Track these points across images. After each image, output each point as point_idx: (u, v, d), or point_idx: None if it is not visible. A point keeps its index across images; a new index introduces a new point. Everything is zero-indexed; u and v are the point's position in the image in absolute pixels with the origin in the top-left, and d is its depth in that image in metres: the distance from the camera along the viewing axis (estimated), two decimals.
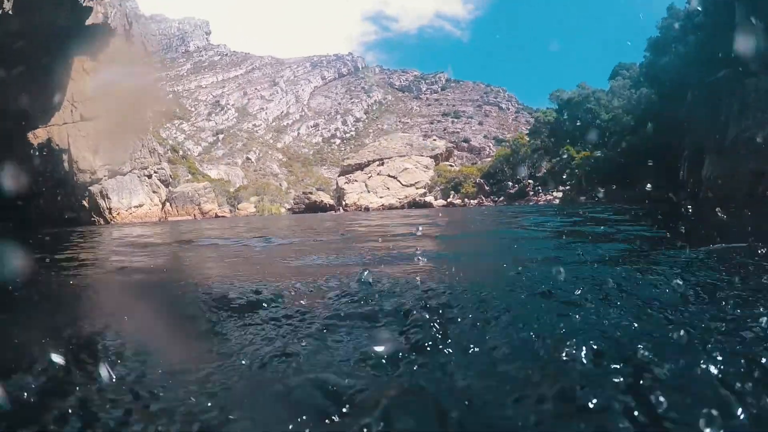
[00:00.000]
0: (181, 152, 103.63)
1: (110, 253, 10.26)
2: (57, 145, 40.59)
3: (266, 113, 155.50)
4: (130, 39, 50.74)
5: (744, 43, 28.17)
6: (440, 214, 26.03)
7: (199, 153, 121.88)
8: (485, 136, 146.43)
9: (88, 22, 38.06)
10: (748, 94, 26.91)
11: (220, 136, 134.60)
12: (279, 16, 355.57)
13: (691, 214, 13.59)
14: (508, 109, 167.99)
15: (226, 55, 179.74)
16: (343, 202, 74.33)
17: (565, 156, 55.63)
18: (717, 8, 32.10)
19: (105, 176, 44.70)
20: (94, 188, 44.21)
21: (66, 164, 41.43)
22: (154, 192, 50.28)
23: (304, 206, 70.08)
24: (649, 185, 38.04)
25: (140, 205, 48.73)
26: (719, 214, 11.56)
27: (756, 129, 25.85)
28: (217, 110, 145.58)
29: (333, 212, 63.69)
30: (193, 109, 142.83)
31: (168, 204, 57.02)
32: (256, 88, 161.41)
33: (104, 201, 44.96)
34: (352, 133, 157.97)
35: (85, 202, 43.67)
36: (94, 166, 42.97)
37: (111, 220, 44.80)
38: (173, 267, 7.29)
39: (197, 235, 14.84)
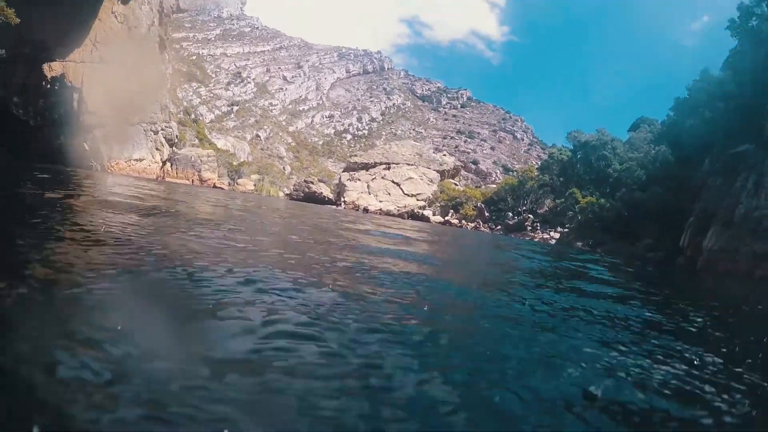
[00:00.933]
0: (193, 116, 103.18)
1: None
2: (70, 81, 40.02)
3: (284, 94, 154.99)
4: None
5: None
6: (426, 236, 25.88)
7: (210, 120, 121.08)
8: (494, 162, 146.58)
9: None
10: (766, 173, 26.56)
11: (235, 108, 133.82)
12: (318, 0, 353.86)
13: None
14: (523, 139, 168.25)
15: (257, 28, 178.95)
16: (343, 198, 73.88)
17: (571, 198, 55.29)
18: (752, 82, 31.87)
19: (112, 123, 44.08)
20: (98, 132, 43.26)
21: (75, 103, 40.80)
22: (157, 149, 49.46)
23: (303, 194, 69.77)
24: (648, 242, 37.72)
25: (141, 160, 47.91)
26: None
27: (766, 210, 25.52)
28: (237, 81, 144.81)
29: (333, 206, 63.32)
30: (213, 75, 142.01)
31: (169, 164, 56.53)
32: (279, 67, 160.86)
33: (106, 147, 44.24)
34: (364, 131, 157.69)
35: (86, 145, 42.90)
36: (103, 111, 42.31)
37: (108, 168, 44.14)
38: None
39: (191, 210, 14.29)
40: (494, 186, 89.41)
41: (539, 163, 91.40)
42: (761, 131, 29.08)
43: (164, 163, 53.26)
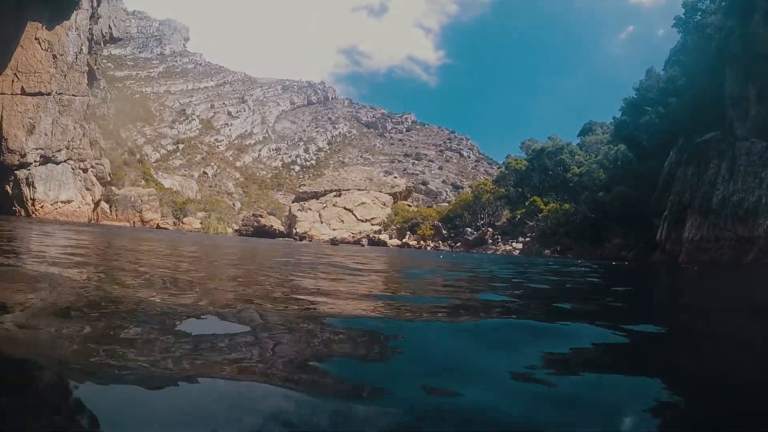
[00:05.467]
0: (138, 156, 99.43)
1: None
2: None
3: (230, 129, 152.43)
4: (96, 17, 47.21)
5: (735, 108, 27.36)
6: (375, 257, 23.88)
7: (156, 159, 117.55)
8: (443, 181, 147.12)
9: None
10: (739, 157, 25.59)
11: (181, 146, 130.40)
12: (258, 34, 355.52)
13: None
14: (469, 157, 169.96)
15: (200, 64, 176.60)
16: (294, 230, 71.22)
17: (531, 206, 54.11)
18: (704, 73, 31.76)
19: (36, 161, 39.49)
20: (21, 173, 39.07)
21: None
22: (87, 189, 44.65)
23: (252, 229, 66.84)
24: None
25: (69, 201, 42.95)
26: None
27: (745, 193, 24.42)
28: (181, 119, 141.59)
29: (289, 240, 60.61)
30: (157, 113, 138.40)
31: (106, 205, 52.83)
32: (224, 103, 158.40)
33: (29, 190, 39.68)
34: (312, 161, 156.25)
35: (7, 187, 38.80)
36: (25, 148, 38.28)
37: (33, 213, 39.56)
38: None
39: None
40: (446, 204, 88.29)
41: (492, 176, 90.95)
42: (722, 119, 28.55)
43: (97, 204, 48.51)
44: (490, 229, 59.34)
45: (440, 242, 62.39)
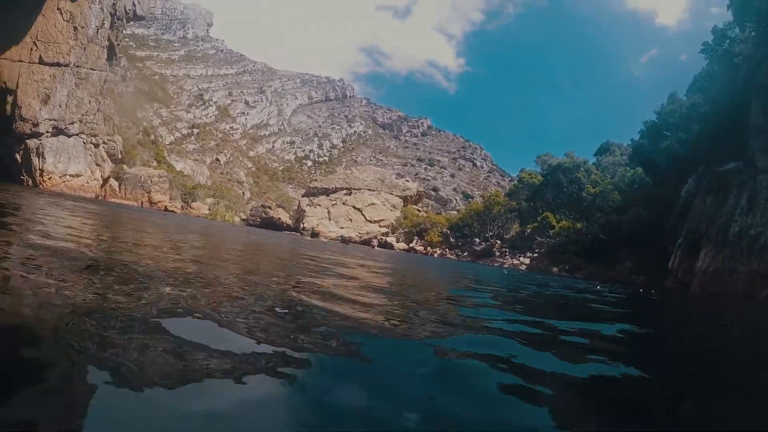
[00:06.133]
0: (152, 137, 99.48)
1: None
2: (4, 83, 35.90)
3: (246, 119, 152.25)
4: None
5: (758, 139, 26.75)
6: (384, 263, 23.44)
7: (170, 142, 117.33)
8: (454, 189, 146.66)
9: None
10: (760, 190, 24.96)
11: (195, 131, 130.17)
12: (281, 25, 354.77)
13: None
14: (482, 167, 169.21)
15: (222, 51, 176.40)
16: (302, 225, 70.95)
17: (543, 222, 53.51)
18: (728, 102, 31.22)
19: (47, 132, 38.97)
20: (32, 143, 38.66)
21: (8, 107, 36.66)
22: (97, 164, 44.10)
23: (260, 220, 66.69)
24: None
25: (77, 175, 42.39)
26: None
27: (763, 228, 23.83)
28: (198, 104, 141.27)
29: (297, 234, 60.32)
30: (175, 96, 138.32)
31: (115, 183, 52.51)
32: (242, 91, 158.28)
33: (38, 160, 39.18)
34: (325, 158, 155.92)
35: (17, 156, 38.41)
36: (38, 118, 37.85)
37: (40, 183, 39.17)
38: None
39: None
40: (455, 212, 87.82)
41: (504, 188, 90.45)
42: (745, 149, 27.94)
43: (105, 180, 47.99)
44: (498, 242, 58.89)
45: (447, 250, 62.05)
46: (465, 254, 58.88)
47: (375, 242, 64.68)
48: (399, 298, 6.75)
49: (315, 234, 66.26)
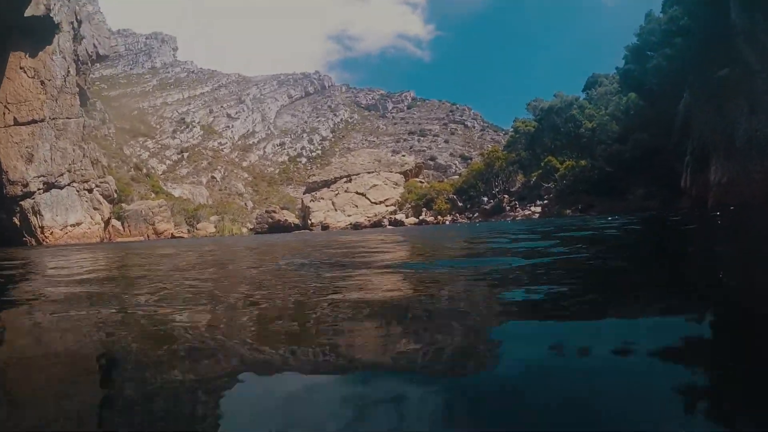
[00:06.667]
0: (144, 170, 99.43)
1: None
2: None
3: (232, 131, 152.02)
4: (79, 38, 46.32)
5: (747, 40, 26.10)
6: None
7: (163, 171, 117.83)
8: (451, 154, 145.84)
9: (27, 13, 34.14)
10: (759, 92, 24.34)
11: (185, 155, 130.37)
12: (245, 33, 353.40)
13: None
14: (474, 127, 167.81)
15: (193, 72, 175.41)
16: (309, 221, 70.88)
17: (547, 167, 52.92)
18: (706, 9, 30.50)
19: (39, 189, 38.75)
20: (26, 203, 38.36)
21: None
22: (95, 209, 43.76)
23: (267, 226, 66.55)
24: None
25: (78, 224, 41.96)
26: None
27: None
28: (182, 128, 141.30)
29: (308, 231, 60.15)
30: (158, 126, 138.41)
31: (118, 222, 52.41)
32: (222, 106, 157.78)
33: (36, 218, 38.87)
34: (318, 152, 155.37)
35: (15, 219, 38.12)
36: (26, 178, 37.60)
37: (43, 240, 38.86)
38: None
39: None
40: (456, 177, 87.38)
41: (500, 143, 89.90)
42: (734, 52, 27.24)
43: (107, 222, 47.66)
44: (506, 196, 58.49)
45: (457, 215, 61.75)
46: (476, 215, 58.59)
47: (386, 221, 64.58)
48: None
49: (326, 226, 66.32)
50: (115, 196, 48.67)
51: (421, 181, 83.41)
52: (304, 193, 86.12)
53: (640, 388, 1.64)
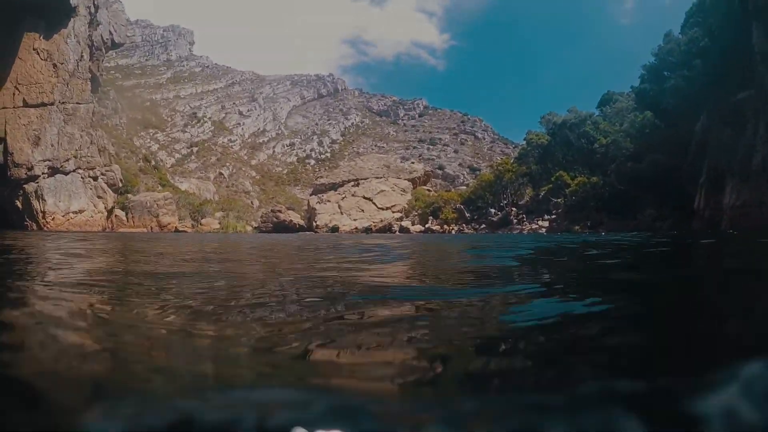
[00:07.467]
0: (153, 162, 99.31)
1: None
2: None
3: (243, 129, 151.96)
4: (95, 23, 46.20)
5: (765, 64, 25.72)
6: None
7: (171, 164, 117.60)
8: (460, 164, 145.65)
9: None
10: None
11: (195, 149, 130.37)
12: (262, 31, 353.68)
13: None
14: (484, 138, 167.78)
15: (207, 67, 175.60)
16: (314, 223, 70.59)
17: (558, 181, 52.48)
18: (728, 31, 30.26)
19: (44, 173, 38.48)
20: (29, 187, 38.19)
21: (0, 155, 36.21)
22: (99, 197, 43.42)
23: (272, 225, 66.31)
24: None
25: (80, 211, 41.89)
26: None
27: None
28: (193, 122, 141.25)
29: (311, 233, 59.94)
30: (169, 119, 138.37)
31: (122, 212, 52.09)
32: (234, 103, 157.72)
33: (38, 203, 38.66)
34: (327, 154, 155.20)
35: (17, 202, 37.86)
36: (31, 161, 37.35)
37: (44, 225, 38.67)
38: None
39: None
40: (464, 187, 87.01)
41: (509, 156, 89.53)
42: (753, 77, 26.87)
43: (110, 211, 47.28)
44: (514, 209, 58.07)
45: (464, 225, 61.34)
46: (482, 226, 58.20)
47: (396, 227, 64.34)
48: None
49: (335, 228, 66.04)
50: (121, 185, 48.41)
51: (428, 190, 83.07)
52: (310, 195, 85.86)
53: None
